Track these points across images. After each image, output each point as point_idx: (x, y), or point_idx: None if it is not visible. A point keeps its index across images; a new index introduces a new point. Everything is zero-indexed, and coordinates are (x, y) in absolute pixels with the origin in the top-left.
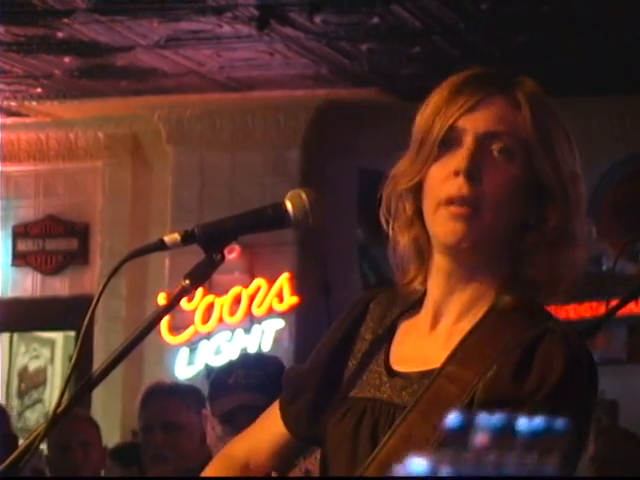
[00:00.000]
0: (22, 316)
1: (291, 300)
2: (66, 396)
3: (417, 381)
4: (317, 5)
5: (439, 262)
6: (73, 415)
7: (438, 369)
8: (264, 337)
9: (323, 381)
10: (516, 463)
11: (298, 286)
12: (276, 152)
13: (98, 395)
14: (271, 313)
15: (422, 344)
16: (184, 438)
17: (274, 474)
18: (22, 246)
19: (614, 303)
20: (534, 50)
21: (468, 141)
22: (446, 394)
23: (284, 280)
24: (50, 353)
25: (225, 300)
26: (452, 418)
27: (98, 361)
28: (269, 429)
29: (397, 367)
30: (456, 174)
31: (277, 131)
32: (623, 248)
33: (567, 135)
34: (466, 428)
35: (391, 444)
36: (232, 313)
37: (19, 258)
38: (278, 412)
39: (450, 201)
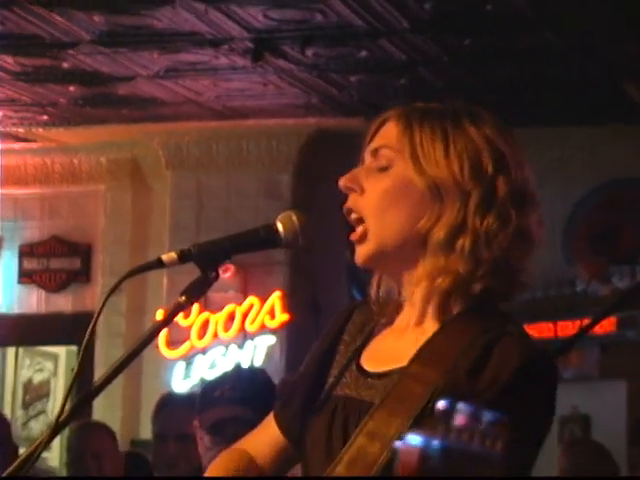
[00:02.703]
0: (27, 331)
1: (282, 317)
2: (68, 406)
3: (384, 379)
4: (309, 38)
5: None
6: (88, 425)
7: (404, 368)
8: (256, 352)
9: (312, 386)
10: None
11: (289, 304)
12: (269, 177)
13: (99, 406)
14: (263, 329)
15: (391, 346)
16: (195, 448)
17: None
18: (28, 265)
19: (586, 322)
20: (514, 83)
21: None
22: (410, 392)
23: (276, 298)
24: (54, 366)
25: (220, 317)
26: (440, 403)
27: (99, 374)
28: (267, 431)
29: (367, 367)
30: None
31: (270, 157)
32: (596, 271)
33: (466, 144)
34: (449, 412)
35: (359, 441)
36: (226, 329)
37: (25, 276)
38: (273, 416)
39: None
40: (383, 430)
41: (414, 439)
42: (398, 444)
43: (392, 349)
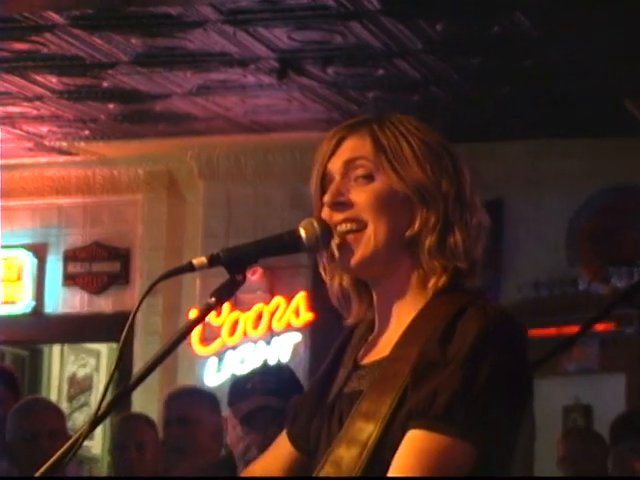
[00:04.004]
0: (72, 329)
1: (307, 316)
2: (107, 399)
3: (372, 368)
4: (329, 58)
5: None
6: (132, 417)
7: (388, 355)
8: (283, 348)
9: (317, 399)
10: None
11: (313, 304)
12: (293, 187)
13: (137, 399)
14: (289, 327)
15: (379, 342)
16: (198, 431)
17: None
18: (72, 268)
19: (587, 322)
20: (518, 99)
21: (335, 177)
22: (395, 372)
23: (300, 298)
24: (96, 362)
25: (249, 316)
26: None
27: (138, 369)
28: (280, 449)
29: (360, 362)
30: (328, 207)
31: (294, 168)
32: (597, 272)
33: (424, 147)
34: None
35: (355, 421)
36: (255, 327)
37: (69, 279)
38: (285, 434)
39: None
40: (375, 409)
41: None
42: None
43: (380, 344)
